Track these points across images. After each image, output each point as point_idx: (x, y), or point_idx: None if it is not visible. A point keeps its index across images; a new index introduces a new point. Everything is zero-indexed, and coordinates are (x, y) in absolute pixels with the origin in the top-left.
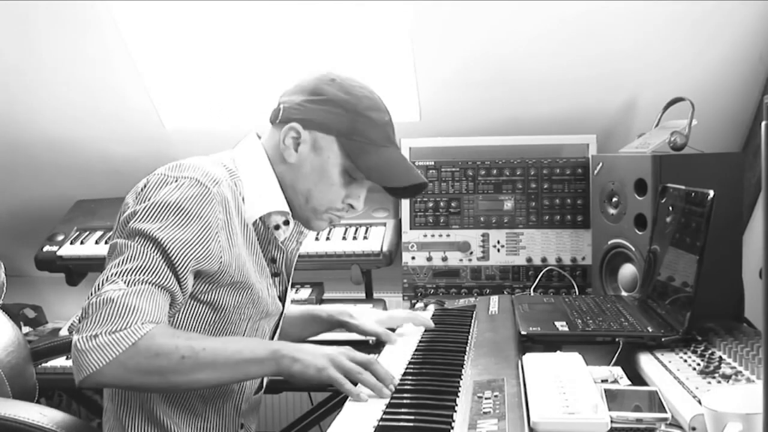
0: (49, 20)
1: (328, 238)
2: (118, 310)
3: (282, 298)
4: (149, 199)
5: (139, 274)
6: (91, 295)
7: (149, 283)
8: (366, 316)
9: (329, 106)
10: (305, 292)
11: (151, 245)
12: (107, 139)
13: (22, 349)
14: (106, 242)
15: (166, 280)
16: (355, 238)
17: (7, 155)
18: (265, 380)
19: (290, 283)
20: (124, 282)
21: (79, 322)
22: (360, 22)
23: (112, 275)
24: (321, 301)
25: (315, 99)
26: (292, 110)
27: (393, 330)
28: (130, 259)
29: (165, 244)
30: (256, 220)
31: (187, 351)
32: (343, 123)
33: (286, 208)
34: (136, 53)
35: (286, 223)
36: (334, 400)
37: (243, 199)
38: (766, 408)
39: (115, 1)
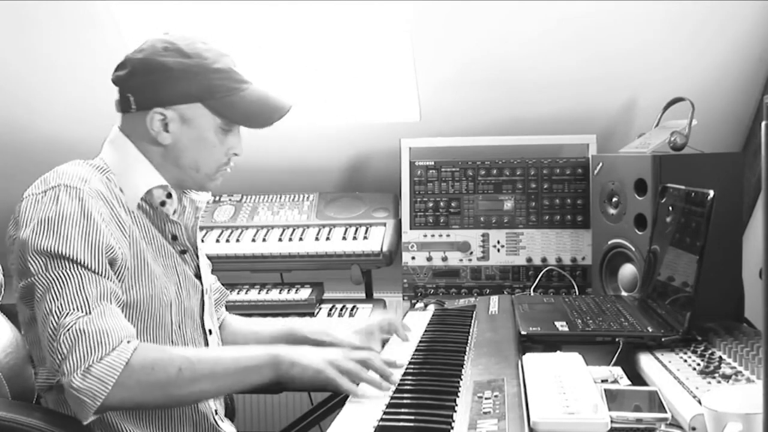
0: (49, 20)
1: (328, 238)
2: (95, 338)
3: (198, 275)
4: (30, 222)
5: (83, 295)
6: (54, 335)
7: (98, 299)
8: (344, 333)
9: (180, 77)
10: (305, 292)
11: (65, 263)
12: None
13: (21, 350)
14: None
15: (103, 287)
16: (355, 238)
17: (7, 155)
18: None
19: (204, 258)
20: (78, 309)
21: (59, 365)
22: (360, 22)
23: (60, 309)
24: (321, 301)
25: (162, 76)
26: (143, 95)
27: (385, 342)
28: (62, 287)
29: (74, 256)
30: (140, 204)
31: (183, 362)
32: (201, 86)
33: (163, 182)
34: None
35: (169, 196)
36: (334, 400)
37: (121, 190)
38: (766, 408)
39: (116, 0)
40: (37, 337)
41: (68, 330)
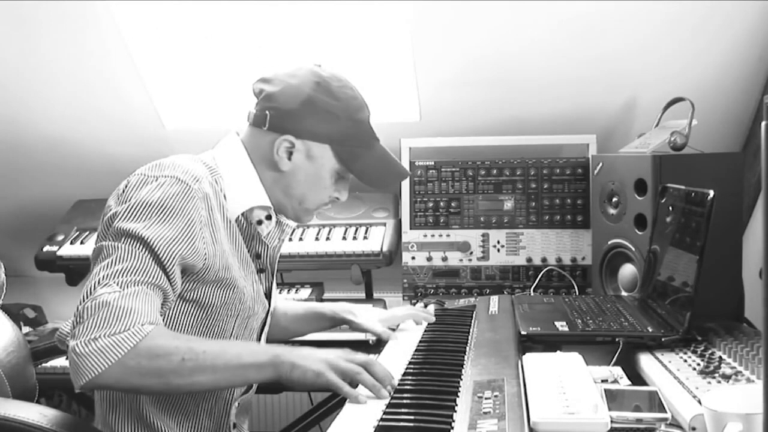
0: (49, 20)
1: (328, 238)
2: (115, 313)
3: (268, 295)
4: (131, 200)
5: (131, 275)
6: (84, 299)
7: (141, 284)
8: (368, 315)
9: (320, 115)
10: (305, 292)
11: (137, 244)
12: (107, 139)
13: (22, 349)
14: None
15: (156, 278)
16: (355, 238)
17: (7, 155)
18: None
19: (275, 281)
20: (117, 284)
21: (74, 327)
22: (360, 22)
23: (103, 278)
24: (321, 301)
25: (305, 109)
26: (282, 119)
27: (395, 329)
28: (119, 261)
29: (151, 242)
30: (238, 217)
31: (188, 353)
32: (336, 130)
33: (268, 203)
34: (136, 53)
35: (269, 218)
36: (334, 400)
37: (224, 196)
38: (766, 408)
39: (115, 0)
40: None
41: (95, 299)
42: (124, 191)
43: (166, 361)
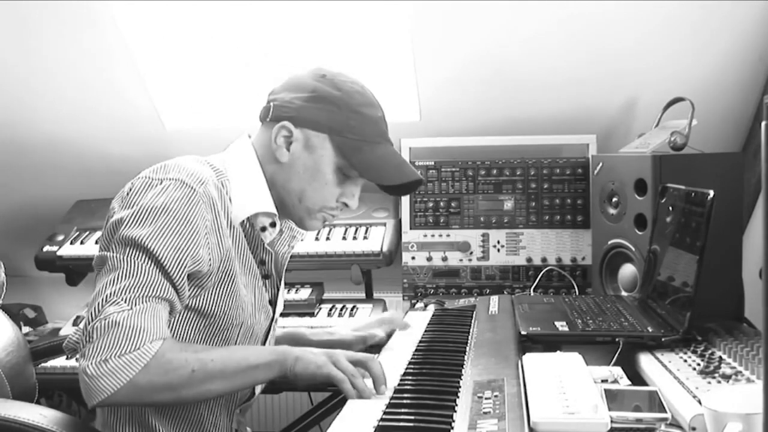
0: (49, 20)
1: (328, 238)
2: (124, 333)
3: (273, 303)
4: (135, 205)
5: (138, 291)
6: (93, 317)
7: (149, 299)
8: (344, 330)
9: (321, 104)
10: (305, 292)
11: (143, 257)
12: (107, 139)
13: (22, 349)
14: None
15: (163, 292)
16: (355, 238)
17: (7, 155)
18: (258, 387)
19: (281, 288)
20: (125, 301)
21: (83, 345)
22: (360, 22)
23: (110, 295)
24: (321, 301)
25: (306, 96)
26: (283, 108)
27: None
28: (126, 276)
29: (158, 253)
30: (243, 221)
31: (197, 364)
32: (336, 120)
33: (273, 210)
34: (136, 53)
35: (273, 225)
36: (334, 400)
37: (230, 200)
38: (766, 408)
39: (115, 0)
40: None
41: (105, 318)
42: (128, 194)
43: (177, 375)
